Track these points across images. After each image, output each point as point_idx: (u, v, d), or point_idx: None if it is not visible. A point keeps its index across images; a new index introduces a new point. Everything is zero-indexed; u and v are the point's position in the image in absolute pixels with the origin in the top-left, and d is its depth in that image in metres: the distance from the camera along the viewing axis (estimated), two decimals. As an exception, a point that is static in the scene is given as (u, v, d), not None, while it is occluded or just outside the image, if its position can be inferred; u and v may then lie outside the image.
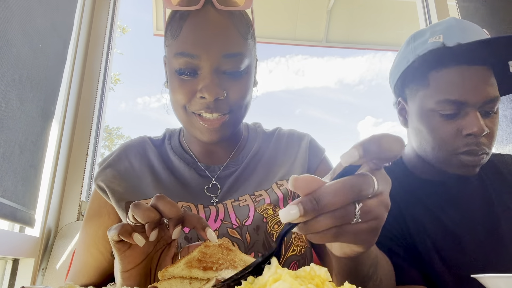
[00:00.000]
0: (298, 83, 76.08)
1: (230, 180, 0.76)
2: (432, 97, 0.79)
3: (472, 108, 0.76)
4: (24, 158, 0.99)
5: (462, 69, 0.77)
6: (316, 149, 0.84)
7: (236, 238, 0.67)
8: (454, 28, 0.80)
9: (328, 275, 0.33)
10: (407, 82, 0.87)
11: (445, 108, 0.78)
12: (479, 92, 0.76)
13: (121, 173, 0.77)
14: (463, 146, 0.77)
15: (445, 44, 0.78)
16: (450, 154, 0.79)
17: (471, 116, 0.76)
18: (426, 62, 0.81)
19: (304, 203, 0.35)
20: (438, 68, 0.79)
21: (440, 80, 0.79)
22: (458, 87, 0.77)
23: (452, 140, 0.78)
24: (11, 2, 0.89)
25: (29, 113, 1.00)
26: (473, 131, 0.75)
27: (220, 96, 0.66)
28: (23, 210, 1.01)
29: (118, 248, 0.51)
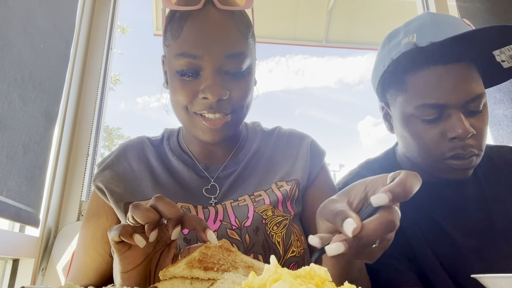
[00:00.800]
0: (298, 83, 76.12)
1: (229, 180, 0.76)
2: (411, 103, 0.75)
3: (454, 109, 0.72)
4: (28, 158, 0.99)
5: (438, 70, 0.73)
6: (318, 151, 0.83)
7: (235, 239, 0.67)
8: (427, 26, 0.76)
9: (328, 275, 0.33)
10: (386, 87, 0.83)
11: (425, 113, 0.74)
12: (459, 92, 0.71)
13: (119, 174, 0.76)
14: (448, 150, 0.73)
15: (418, 45, 0.73)
16: (437, 159, 0.75)
17: (453, 119, 0.72)
18: (401, 65, 0.77)
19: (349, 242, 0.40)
20: (413, 71, 0.75)
21: (416, 84, 0.75)
22: (436, 90, 0.72)
23: (436, 145, 0.74)
24: (12, 2, 0.89)
25: (32, 113, 1.00)
26: (457, 134, 0.71)
27: (223, 97, 0.66)
28: (28, 210, 1.01)
29: (118, 249, 0.51)
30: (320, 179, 0.81)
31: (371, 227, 0.40)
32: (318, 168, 0.81)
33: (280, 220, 0.70)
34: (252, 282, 0.32)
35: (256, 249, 0.66)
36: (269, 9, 2.26)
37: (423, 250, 0.79)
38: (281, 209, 0.72)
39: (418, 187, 0.41)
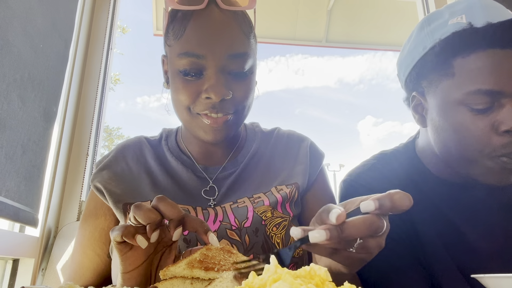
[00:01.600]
0: (298, 83, 76.16)
1: (228, 182, 0.76)
2: (460, 88, 0.67)
3: (509, 99, 0.64)
4: (27, 158, 0.99)
5: (496, 53, 0.65)
6: (317, 154, 0.83)
7: (235, 240, 0.67)
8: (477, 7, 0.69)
9: (328, 275, 0.33)
10: (425, 72, 0.74)
11: (478, 101, 0.65)
12: None
13: (118, 174, 0.76)
14: (500, 147, 0.64)
15: (472, 25, 0.66)
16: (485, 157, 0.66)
17: (508, 109, 0.63)
18: (450, 46, 0.68)
19: (332, 230, 0.42)
20: (465, 53, 0.67)
21: (468, 68, 0.66)
22: (493, 74, 0.64)
23: (486, 139, 0.65)
24: (12, 2, 0.89)
25: (31, 113, 1.00)
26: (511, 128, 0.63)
27: (226, 97, 0.66)
28: (26, 210, 1.01)
29: (120, 249, 0.51)
30: (319, 182, 0.81)
31: (355, 222, 0.42)
32: (317, 171, 0.81)
33: (279, 221, 0.70)
34: (252, 282, 0.32)
35: (256, 250, 0.66)
36: (269, 9, 2.26)
37: (437, 250, 0.75)
38: (280, 211, 0.72)
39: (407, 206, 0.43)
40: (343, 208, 0.46)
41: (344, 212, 0.43)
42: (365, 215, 0.43)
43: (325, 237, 0.41)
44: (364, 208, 0.43)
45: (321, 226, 0.43)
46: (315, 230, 0.42)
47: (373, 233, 0.43)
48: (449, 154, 0.72)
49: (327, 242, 0.42)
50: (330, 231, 0.42)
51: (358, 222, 0.42)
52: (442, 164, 0.77)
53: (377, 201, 0.42)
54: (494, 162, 0.66)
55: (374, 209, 0.42)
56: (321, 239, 0.41)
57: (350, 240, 0.44)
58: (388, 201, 0.42)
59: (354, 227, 0.42)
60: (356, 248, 0.45)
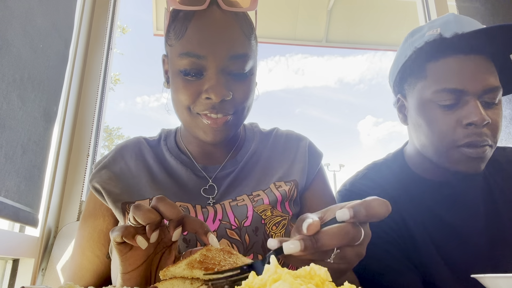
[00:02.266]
0: (298, 82, 76.13)
1: (228, 180, 0.76)
2: (430, 88, 0.77)
3: (471, 97, 0.74)
4: (27, 159, 0.99)
5: (460, 58, 0.76)
6: (316, 153, 0.84)
7: (235, 239, 0.67)
8: (451, 22, 0.79)
9: (328, 275, 0.33)
10: (405, 76, 0.85)
11: (444, 98, 0.75)
12: (478, 80, 0.74)
13: (116, 174, 0.76)
14: (463, 137, 0.74)
15: (442, 35, 0.77)
16: (451, 147, 0.75)
17: (471, 105, 0.73)
18: (423, 53, 0.80)
19: (306, 240, 0.41)
20: (435, 58, 0.78)
21: (437, 70, 0.77)
22: (456, 76, 0.75)
23: (452, 131, 0.75)
24: (11, 2, 0.89)
25: (31, 114, 1.00)
26: (473, 120, 0.72)
27: (226, 97, 0.66)
28: (26, 210, 1.01)
29: (120, 249, 0.51)
30: (318, 181, 0.82)
31: (329, 232, 0.41)
32: (316, 170, 0.82)
33: (279, 220, 0.70)
34: (252, 282, 0.32)
35: (256, 249, 0.66)
36: (269, 9, 2.26)
37: (429, 249, 0.79)
38: (279, 210, 0.72)
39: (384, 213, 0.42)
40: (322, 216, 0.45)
41: (317, 221, 0.41)
42: (340, 224, 0.42)
43: (299, 248, 0.40)
44: (339, 217, 0.42)
45: (296, 236, 0.42)
46: (289, 241, 0.41)
47: (349, 242, 0.42)
48: (425, 147, 0.81)
49: (301, 253, 0.41)
50: (304, 242, 0.41)
51: (332, 232, 0.41)
52: (426, 164, 0.85)
53: (352, 209, 0.41)
54: (459, 152, 0.75)
55: (349, 218, 0.41)
56: (295, 250, 0.40)
57: (326, 251, 0.43)
58: (363, 209, 0.41)
59: (328, 237, 0.41)
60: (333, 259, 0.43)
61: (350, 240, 0.42)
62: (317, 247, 0.41)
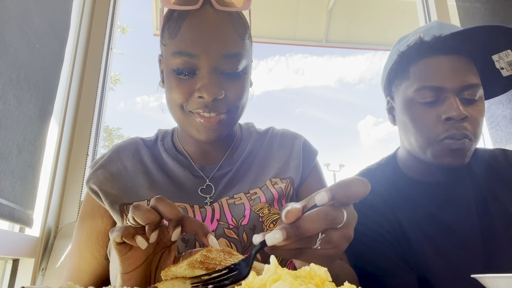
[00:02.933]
0: (298, 82, 76.04)
1: (225, 180, 0.76)
2: (412, 87, 0.82)
3: (450, 93, 0.78)
4: (22, 158, 0.99)
5: (439, 59, 0.81)
6: (310, 151, 0.84)
7: (233, 238, 0.67)
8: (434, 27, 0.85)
9: (328, 275, 0.33)
10: (392, 79, 0.91)
11: (424, 95, 0.80)
12: (456, 78, 0.78)
13: (113, 175, 0.76)
14: (443, 131, 0.78)
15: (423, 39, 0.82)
16: (433, 141, 0.79)
17: (449, 101, 0.78)
18: (406, 56, 0.85)
19: (287, 229, 0.41)
20: (417, 60, 0.83)
21: (419, 70, 0.82)
22: (435, 74, 0.80)
23: (433, 127, 0.79)
24: (8, 2, 0.89)
25: (26, 113, 1.00)
26: (451, 115, 0.76)
27: (218, 96, 0.66)
28: (21, 210, 1.01)
29: (120, 250, 0.50)
30: (312, 178, 0.82)
31: (308, 217, 0.41)
32: (310, 167, 0.82)
33: (276, 218, 0.70)
34: (252, 282, 0.32)
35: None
36: (269, 9, 2.26)
37: (424, 249, 0.80)
38: (276, 207, 0.73)
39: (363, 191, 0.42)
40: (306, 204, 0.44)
41: (295, 208, 0.41)
42: (319, 208, 0.42)
43: (281, 237, 0.40)
44: (318, 201, 0.42)
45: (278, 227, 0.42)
46: (271, 232, 0.41)
47: (331, 224, 0.42)
48: (412, 145, 0.85)
49: (285, 242, 0.40)
50: (286, 230, 0.40)
51: (312, 216, 0.41)
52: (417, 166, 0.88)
53: (329, 191, 0.41)
54: (441, 145, 0.79)
55: (328, 200, 0.41)
56: (278, 240, 0.40)
57: (311, 237, 0.42)
58: (341, 189, 0.41)
59: (309, 221, 0.41)
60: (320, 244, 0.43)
61: (331, 222, 0.41)
62: (299, 233, 0.41)
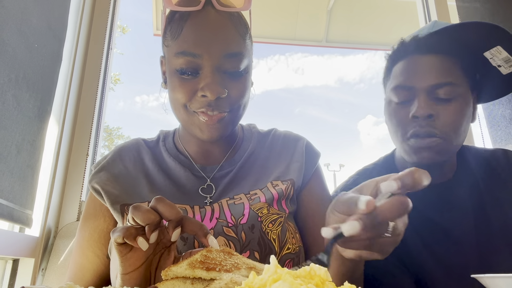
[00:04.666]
0: (298, 82, 75.92)
1: (225, 180, 0.77)
2: (389, 87, 0.85)
3: (420, 92, 0.79)
4: (21, 158, 0.99)
5: (414, 58, 0.82)
6: (313, 153, 0.84)
7: (231, 236, 0.67)
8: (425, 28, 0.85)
9: (328, 275, 0.33)
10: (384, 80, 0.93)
11: (397, 95, 0.82)
12: (426, 77, 0.79)
13: (115, 176, 0.76)
14: (410, 129, 0.79)
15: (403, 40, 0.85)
16: (402, 139, 0.81)
17: (417, 100, 0.79)
18: (390, 58, 0.88)
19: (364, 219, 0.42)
20: (397, 61, 0.86)
21: (395, 71, 0.85)
22: (407, 73, 0.81)
23: (403, 125, 0.81)
24: (7, 2, 0.89)
25: (25, 113, 1.00)
26: (416, 114, 0.77)
27: (221, 95, 0.67)
28: (20, 210, 1.01)
29: (120, 250, 0.51)
30: (315, 180, 0.82)
31: (384, 206, 0.42)
32: (313, 169, 0.82)
33: (275, 218, 0.71)
34: (252, 282, 0.32)
35: (252, 246, 0.67)
36: (269, 9, 2.26)
37: (420, 250, 0.80)
38: (276, 207, 0.73)
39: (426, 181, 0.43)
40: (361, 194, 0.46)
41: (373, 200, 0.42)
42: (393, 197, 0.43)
43: (359, 227, 0.41)
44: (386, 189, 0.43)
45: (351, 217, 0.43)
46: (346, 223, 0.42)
47: (404, 213, 0.43)
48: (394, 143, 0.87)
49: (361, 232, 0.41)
50: (363, 221, 0.41)
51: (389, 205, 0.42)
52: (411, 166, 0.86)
53: (399, 180, 0.43)
54: (408, 144, 0.80)
55: (397, 188, 0.42)
56: (356, 230, 0.41)
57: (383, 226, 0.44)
58: (410, 179, 0.43)
59: (387, 211, 0.42)
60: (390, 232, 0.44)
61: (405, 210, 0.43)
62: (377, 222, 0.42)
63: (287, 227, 0.71)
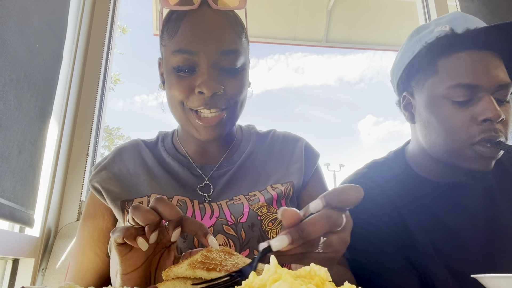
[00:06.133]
0: (298, 81, 75.94)
1: (223, 179, 0.77)
2: (443, 84, 0.75)
3: (486, 92, 0.72)
4: (23, 159, 0.99)
5: (473, 54, 0.74)
6: (312, 153, 0.85)
7: (231, 234, 0.67)
8: (459, 19, 0.78)
9: (328, 275, 0.33)
10: (413, 73, 0.83)
11: (458, 94, 0.74)
12: (492, 76, 0.73)
13: (116, 175, 0.77)
14: (479, 133, 0.72)
15: (454, 30, 0.76)
16: (465, 144, 0.74)
17: (485, 101, 0.72)
18: (435, 48, 0.78)
19: (292, 233, 0.42)
20: (447, 54, 0.76)
21: (450, 66, 0.76)
22: (470, 71, 0.73)
23: (466, 128, 0.73)
24: (8, 2, 0.89)
25: (27, 113, 1.00)
26: (489, 116, 0.70)
27: (218, 91, 0.68)
28: (22, 210, 1.01)
29: (120, 250, 0.51)
30: (314, 181, 0.82)
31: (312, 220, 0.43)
32: (312, 170, 0.83)
33: (275, 217, 0.71)
34: (252, 282, 0.32)
35: (252, 245, 0.67)
36: (269, 9, 2.25)
37: (429, 250, 0.79)
38: (275, 207, 0.73)
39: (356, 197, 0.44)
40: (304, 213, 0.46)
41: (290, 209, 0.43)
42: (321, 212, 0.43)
43: (287, 241, 0.41)
44: (313, 208, 0.44)
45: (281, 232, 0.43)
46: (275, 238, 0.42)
47: (333, 227, 0.43)
48: (435, 146, 0.79)
49: (290, 246, 0.42)
50: (290, 235, 0.42)
51: (315, 219, 0.43)
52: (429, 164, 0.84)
53: (323, 198, 0.44)
54: (473, 150, 0.73)
55: (323, 207, 0.43)
56: (284, 244, 0.41)
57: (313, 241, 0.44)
58: (335, 196, 0.44)
59: (313, 224, 0.43)
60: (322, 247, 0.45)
61: (334, 225, 0.43)
62: (303, 236, 0.42)
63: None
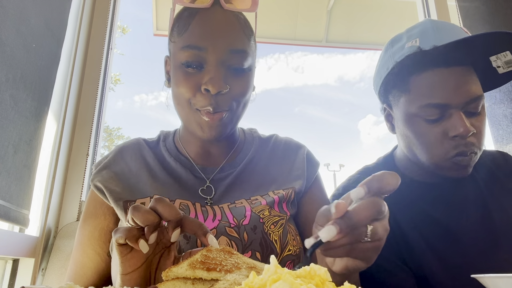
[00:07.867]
0: (298, 81, 75.84)
1: (225, 183, 0.77)
2: (415, 103, 0.79)
3: (455, 109, 0.76)
4: (18, 158, 0.99)
5: (441, 72, 0.77)
6: (313, 162, 0.86)
7: (234, 236, 0.68)
8: (429, 31, 0.80)
9: (328, 275, 0.33)
10: (389, 88, 0.87)
11: (428, 113, 0.77)
12: (460, 93, 0.76)
13: (117, 174, 0.77)
14: (452, 149, 0.76)
15: (422, 48, 0.78)
16: (441, 158, 0.78)
17: (455, 118, 0.75)
18: (405, 67, 0.81)
19: (339, 222, 0.42)
20: (417, 72, 0.79)
21: (420, 85, 0.79)
22: (439, 90, 0.76)
23: (440, 144, 0.77)
24: (5, 2, 0.89)
25: (22, 113, 1.00)
26: (459, 133, 0.74)
27: (223, 90, 0.68)
28: (17, 210, 1.00)
29: (121, 251, 0.51)
30: (314, 189, 0.83)
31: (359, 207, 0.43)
32: (312, 178, 0.83)
33: (276, 219, 0.71)
34: (252, 282, 0.32)
35: (254, 247, 0.67)
36: (269, 9, 2.25)
37: (423, 250, 0.80)
38: (277, 210, 0.73)
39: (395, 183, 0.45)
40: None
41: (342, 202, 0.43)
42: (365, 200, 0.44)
43: (335, 231, 0.42)
44: (355, 196, 0.45)
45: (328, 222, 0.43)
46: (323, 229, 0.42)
47: (379, 213, 0.44)
48: (415, 156, 0.84)
49: (339, 236, 0.42)
50: (338, 224, 0.42)
51: (361, 207, 0.43)
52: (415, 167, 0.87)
53: (365, 185, 0.44)
54: (449, 162, 0.78)
55: (365, 194, 0.44)
56: (332, 234, 0.42)
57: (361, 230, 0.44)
58: (376, 182, 0.44)
59: (360, 212, 0.43)
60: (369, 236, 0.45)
61: (379, 211, 0.44)
62: (352, 224, 0.42)
63: (288, 229, 0.71)
